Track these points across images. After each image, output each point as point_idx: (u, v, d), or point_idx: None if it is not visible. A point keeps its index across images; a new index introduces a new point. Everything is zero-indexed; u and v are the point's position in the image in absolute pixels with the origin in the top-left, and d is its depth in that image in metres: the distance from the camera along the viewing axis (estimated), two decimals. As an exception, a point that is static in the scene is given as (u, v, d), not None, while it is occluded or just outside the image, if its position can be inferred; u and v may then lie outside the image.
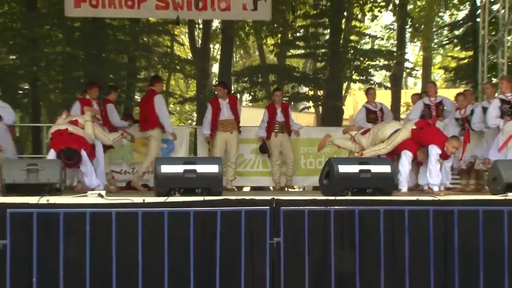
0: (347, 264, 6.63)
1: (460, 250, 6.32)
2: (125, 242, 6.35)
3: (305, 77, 25.07)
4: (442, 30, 27.70)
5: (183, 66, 26.04)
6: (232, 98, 12.44)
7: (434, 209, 6.94)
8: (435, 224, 6.95)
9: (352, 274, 6.26)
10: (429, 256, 6.94)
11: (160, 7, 14.24)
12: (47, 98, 22.14)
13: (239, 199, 7.52)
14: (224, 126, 11.84)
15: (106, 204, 7.36)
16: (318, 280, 6.68)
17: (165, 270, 5.88)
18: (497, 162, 9.09)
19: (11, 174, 8.17)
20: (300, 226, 6.45)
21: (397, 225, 6.75)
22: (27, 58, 20.63)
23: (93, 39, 19.97)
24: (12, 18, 21.49)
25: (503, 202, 7.70)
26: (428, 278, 6.65)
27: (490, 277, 6.39)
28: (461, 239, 6.34)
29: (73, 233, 6.23)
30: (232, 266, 6.45)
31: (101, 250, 6.29)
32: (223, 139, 11.83)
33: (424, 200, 7.91)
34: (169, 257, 5.94)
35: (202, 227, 6.91)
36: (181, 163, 8.40)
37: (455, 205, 6.87)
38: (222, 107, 11.89)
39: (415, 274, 6.81)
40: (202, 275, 6.61)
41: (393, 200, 7.85)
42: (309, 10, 23.28)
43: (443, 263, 7.20)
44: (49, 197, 7.57)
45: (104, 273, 6.20)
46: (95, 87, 11.58)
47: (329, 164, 8.65)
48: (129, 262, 6.43)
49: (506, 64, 14.70)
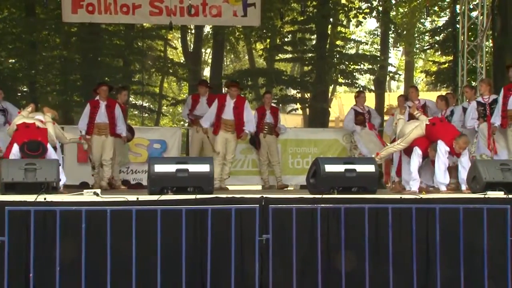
0: (333, 260, 6.62)
1: (441, 245, 6.31)
2: (120, 239, 6.32)
3: (292, 80, 25.14)
4: (423, 36, 27.81)
5: (176, 69, 26.07)
6: (240, 100, 12.02)
7: (416, 207, 6.94)
8: (417, 221, 6.95)
9: (338, 269, 6.24)
10: (412, 252, 6.94)
11: (154, 13, 14.27)
12: (45, 100, 22.05)
13: (230, 197, 7.49)
14: (226, 126, 11.69)
15: (101, 202, 7.32)
16: (306, 275, 6.66)
17: (158, 265, 5.85)
18: (477, 162, 9.09)
19: (10, 173, 8.12)
20: (288, 223, 6.43)
21: (381, 222, 6.74)
22: (26, 62, 20.64)
23: (89, 43, 19.99)
24: (12, 23, 21.45)
25: (482, 200, 7.69)
26: (411, 272, 6.65)
27: (470, 271, 6.38)
28: (443, 235, 6.34)
29: (69, 230, 6.20)
30: (223, 261, 6.42)
31: (96, 246, 6.26)
32: (223, 137, 11.75)
33: (407, 199, 7.90)
34: (162, 252, 5.91)
35: (193, 224, 6.89)
36: (174, 163, 8.38)
37: (436, 203, 6.86)
38: (228, 106, 11.65)
39: (398, 268, 6.81)
40: (194, 270, 6.59)
41: (377, 199, 7.83)
42: (297, 17, 23.33)
43: (425, 258, 7.19)
44: (46, 195, 7.53)
45: (99, 269, 6.17)
46: (102, 87, 11.40)
47: (316, 163, 8.64)
48: (123, 258, 6.40)
49: (485, 68, 14.77)
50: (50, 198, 7.36)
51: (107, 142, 11.21)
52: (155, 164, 8.28)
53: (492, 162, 9.23)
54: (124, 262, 6.42)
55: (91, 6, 14.04)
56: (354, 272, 6.49)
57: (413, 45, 28.60)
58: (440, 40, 23.75)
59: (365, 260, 6.20)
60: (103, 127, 11.19)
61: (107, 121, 11.20)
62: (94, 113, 11.19)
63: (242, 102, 11.86)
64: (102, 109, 11.20)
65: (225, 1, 14.26)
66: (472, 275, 6.26)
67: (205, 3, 14.19)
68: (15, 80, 20.46)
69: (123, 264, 6.41)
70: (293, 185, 13.24)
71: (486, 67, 14.97)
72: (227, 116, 11.52)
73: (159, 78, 27.72)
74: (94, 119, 11.16)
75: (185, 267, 5.97)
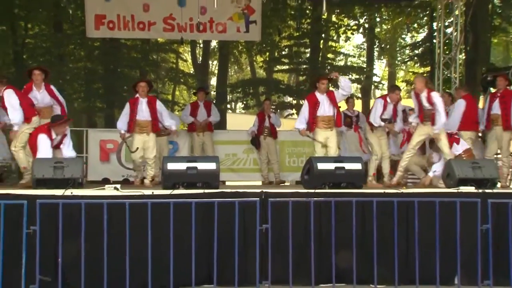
0: (325, 247, 6.63)
1: (419, 233, 6.32)
2: (137, 228, 6.33)
3: (289, 88, 25.17)
4: (404, 50, 27.80)
5: (186, 79, 26.12)
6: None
7: (398, 200, 6.94)
8: (399, 212, 6.94)
9: (329, 255, 6.25)
10: (393, 239, 6.94)
11: (167, 29, 14.30)
12: (71, 106, 22.06)
13: (234, 192, 7.51)
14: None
15: (120, 195, 7.34)
16: (300, 260, 6.67)
17: (170, 251, 5.87)
18: (451, 161, 9.10)
19: (41, 170, 8.14)
20: (285, 214, 6.44)
21: (367, 213, 6.75)
22: (55, 73, 20.54)
23: (110, 56, 20.01)
24: (42, 38, 21.51)
25: (455, 194, 7.70)
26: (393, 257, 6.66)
27: (444, 256, 6.39)
28: (421, 225, 6.34)
29: (93, 220, 6.21)
30: (227, 248, 6.43)
31: (116, 235, 6.27)
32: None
33: (389, 193, 7.91)
34: (174, 240, 5.93)
35: (202, 215, 6.90)
36: (184, 161, 8.38)
37: (415, 197, 6.87)
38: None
39: (382, 253, 6.81)
40: (202, 256, 6.60)
41: (363, 193, 7.84)
42: (293, 32, 23.35)
43: (405, 244, 7.20)
44: (73, 190, 7.55)
45: (118, 254, 6.18)
46: (141, 83, 10.03)
47: (309, 162, 8.65)
48: (140, 244, 6.41)
49: (458, 78, 14.78)
50: (76, 192, 7.39)
51: (149, 140, 9.84)
52: (168, 163, 8.29)
53: (465, 161, 9.24)
54: (140, 248, 6.43)
55: (112, 23, 14.06)
56: (343, 256, 6.51)
57: (395, 57, 28.64)
58: (419, 53, 23.75)
59: (353, 245, 6.21)
60: (144, 124, 9.80)
61: (149, 118, 9.83)
62: (134, 110, 9.80)
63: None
64: (143, 105, 9.80)
65: (229, 19, 14.29)
66: (446, 259, 6.27)
67: (212, 20, 14.21)
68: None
69: (140, 250, 6.42)
70: (289, 181, 13.25)
71: (459, 77, 14.98)
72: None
73: (172, 86, 27.69)
74: (135, 116, 9.79)
75: (194, 253, 5.98)
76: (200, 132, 12.42)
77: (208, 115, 12.46)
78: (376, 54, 27.83)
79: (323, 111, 9.75)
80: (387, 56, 28.96)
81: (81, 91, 21.61)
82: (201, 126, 12.42)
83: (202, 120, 12.40)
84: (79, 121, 21.20)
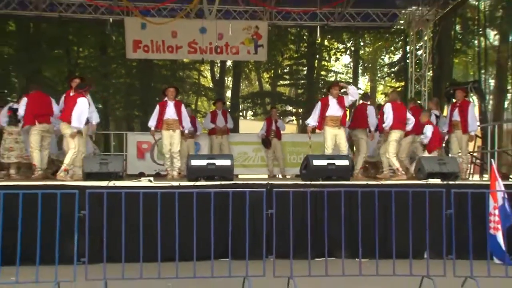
0: (319, 228, 6.61)
1: (396, 218, 6.29)
2: (166, 213, 6.33)
3: (290, 99, 25.25)
4: (383, 68, 27.76)
5: (206, 92, 26.23)
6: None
7: (378, 190, 6.89)
8: (379, 200, 6.87)
9: (322, 234, 6.22)
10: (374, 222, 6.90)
11: (191, 52, 14.38)
12: (114, 114, 22.17)
13: (244, 183, 7.57)
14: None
15: (153, 186, 7.37)
16: (299, 239, 6.66)
17: (194, 232, 5.85)
18: (421, 158, 9.08)
19: (89, 165, 8.20)
20: (286, 202, 6.41)
21: (353, 201, 6.72)
22: (101, 87, 20.70)
23: (145, 73, 20.10)
24: (91, 59, 21.64)
25: (425, 185, 7.72)
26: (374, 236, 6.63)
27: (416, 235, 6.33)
28: (397, 210, 6.31)
29: (131, 207, 6.21)
30: (240, 230, 6.42)
31: (150, 219, 6.26)
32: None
33: (371, 184, 7.91)
34: (197, 222, 5.92)
35: (219, 202, 6.87)
36: (205, 159, 8.41)
37: (392, 187, 6.83)
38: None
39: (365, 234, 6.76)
40: (219, 235, 6.58)
41: (350, 184, 7.86)
42: (293, 54, 23.41)
43: (383, 227, 7.18)
44: (115, 182, 7.58)
45: (152, 234, 6.18)
46: (170, 89, 10.01)
47: (306, 159, 8.66)
48: (169, 227, 6.41)
49: (427, 92, 14.83)
50: (117, 183, 7.44)
51: (175, 136, 9.77)
52: (192, 160, 8.31)
53: (433, 157, 9.22)
54: (169, 229, 6.44)
55: (146, 47, 14.16)
56: (333, 236, 6.48)
57: (375, 74, 28.61)
58: (395, 71, 23.76)
59: (342, 228, 6.18)
60: (171, 122, 9.73)
61: (175, 117, 9.76)
62: (163, 111, 9.77)
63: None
64: (171, 107, 9.76)
65: (241, 43, 14.35)
66: (417, 238, 6.23)
67: (227, 44, 14.26)
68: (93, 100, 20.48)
69: (169, 230, 6.42)
70: (290, 174, 13.25)
71: (428, 91, 15.01)
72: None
73: (195, 98, 27.71)
74: (163, 116, 9.75)
75: (213, 232, 5.97)
76: (219, 135, 12.48)
77: (225, 121, 12.54)
78: (360, 72, 27.83)
79: (332, 111, 9.67)
80: (369, 73, 28.95)
81: (121, 102, 21.72)
82: (220, 130, 12.47)
83: (220, 125, 12.46)
84: (120, 126, 21.30)
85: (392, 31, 18.65)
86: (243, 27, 14.24)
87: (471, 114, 9.85)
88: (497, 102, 18.21)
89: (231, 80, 24.38)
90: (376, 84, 29.86)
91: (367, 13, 14.52)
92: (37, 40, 19.20)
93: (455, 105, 10.17)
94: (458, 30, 20.07)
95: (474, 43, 21.47)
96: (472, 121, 9.84)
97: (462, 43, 20.62)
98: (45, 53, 19.44)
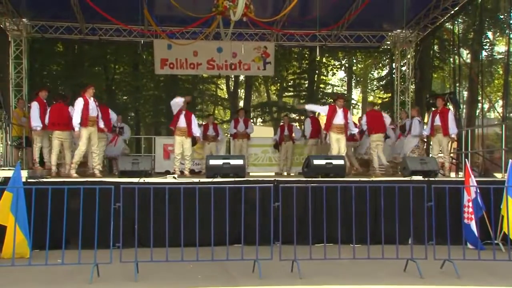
0: (318, 218, 6.55)
1: (384, 210, 6.21)
2: (188, 205, 6.33)
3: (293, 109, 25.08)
4: (373, 81, 27.62)
5: (222, 102, 26.19)
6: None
7: (369, 185, 6.88)
8: (370, 194, 6.90)
9: (321, 224, 6.16)
10: (366, 214, 6.88)
11: (209, 68, 14.47)
12: (144, 121, 22.22)
13: (255, 179, 7.57)
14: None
15: (177, 182, 7.36)
16: (302, 228, 6.64)
17: (211, 222, 5.83)
18: (406, 158, 9.01)
19: (123, 165, 8.22)
20: (291, 196, 6.38)
21: (347, 196, 6.67)
22: (133, 98, 20.78)
23: (170, 87, 20.06)
24: (125, 75, 21.68)
25: (409, 181, 7.66)
26: (365, 225, 6.58)
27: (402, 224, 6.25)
28: (385, 202, 6.23)
29: (158, 200, 6.21)
30: (251, 220, 6.37)
31: (174, 210, 6.26)
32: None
33: (363, 180, 7.86)
34: (214, 213, 5.89)
35: (233, 196, 6.89)
36: (221, 158, 8.41)
37: (382, 183, 6.79)
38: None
39: (358, 224, 6.78)
40: (233, 225, 6.60)
41: (345, 180, 7.80)
42: (296, 70, 23.33)
43: (374, 217, 7.17)
44: (145, 178, 7.57)
45: (175, 223, 6.18)
46: (187, 98, 10.14)
47: (308, 159, 8.64)
48: (190, 217, 6.42)
49: (410, 102, 14.72)
50: (147, 180, 7.43)
51: (186, 142, 9.63)
52: (210, 159, 8.30)
53: (416, 157, 9.15)
54: (191, 219, 6.44)
55: (172, 64, 14.23)
56: (331, 226, 6.43)
57: (366, 87, 28.43)
58: (383, 84, 23.67)
59: (338, 218, 6.13)
60: (183, 129, 9.64)
61: (185, 126, 9.66)
62: (177, 119, 9.78)
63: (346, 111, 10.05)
64: (182, 116, 9.72)
65: (252, 61, 14.40)
66: (403, 226, 6.16)
67: (240, 62, 14.34)
68: (126, 110, 20.56)
69: (190, 219, 6.42)
70: (294, 172, 13.24)
71: (411, 101, 14.92)
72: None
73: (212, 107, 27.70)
74: (176, 123, 9.76)
75: (228, 222, 5.94)
76: (239, 139, 12.57)
77: (246, 127, 12.62)
78: (354, 84, 27.67)
79: (337, 121, 9.72)
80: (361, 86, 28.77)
81: (150, 110, 21.75)
82: (240, 135, 12.56)
83: (241, 130, 12.57)
84: (149, 131, 21.30)
85: (380, 50, 18.59)
86: (254, 47, 14.25)
87: (451, 119, 9.75)
88: (470, 110, 18.18)
89: (244, 92, 24.31)
90: (367, 95, 29.72)
91: (359, 35, 14.56)
92: (80, 59, 19.47)
93: (436, 112, 10.06)
94: (436, 50, 20.01)
95: (449, 60, 21.28)
96: (452, 125, 9.73)
97: (440, 60, 20.54)
98: (87, 70, 19.66)
